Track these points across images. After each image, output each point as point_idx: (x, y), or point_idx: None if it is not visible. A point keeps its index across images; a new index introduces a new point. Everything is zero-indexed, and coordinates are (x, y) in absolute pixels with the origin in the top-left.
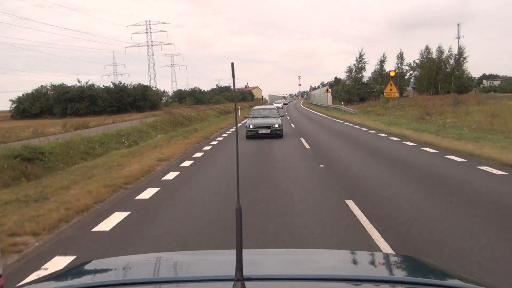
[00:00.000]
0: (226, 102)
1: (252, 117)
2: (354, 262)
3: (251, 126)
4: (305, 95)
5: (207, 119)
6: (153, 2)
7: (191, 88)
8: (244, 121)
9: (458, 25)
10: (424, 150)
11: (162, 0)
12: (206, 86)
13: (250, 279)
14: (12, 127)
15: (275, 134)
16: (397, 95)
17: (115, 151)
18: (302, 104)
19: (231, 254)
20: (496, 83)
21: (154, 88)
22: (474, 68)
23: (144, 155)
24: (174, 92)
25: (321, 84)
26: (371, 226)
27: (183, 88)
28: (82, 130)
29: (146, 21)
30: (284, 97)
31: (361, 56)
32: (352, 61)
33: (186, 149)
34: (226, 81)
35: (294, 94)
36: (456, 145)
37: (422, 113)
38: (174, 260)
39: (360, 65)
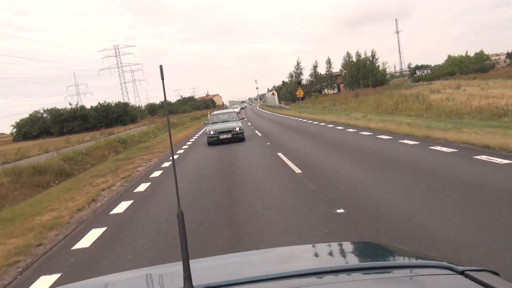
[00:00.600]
0: (192, 111)
1: (212, 122)
2: (312, 253)
3: (211, 132)
4: (263, 98)
5: (186, 124)
6: (100, 17)
7: (161, 102)
8: (204, 128)
9: (396, 20)
10: (309, 122)
11: (110, 14)
12: (168, 97)
13: None
14: (33, 145)
15: (237, 138)
16: (302, 95)
17: (150, 139)
18: (258, 106)
19: (180, 265)
20: (427, 72)
21: (131, 104)
22: (414, 58)
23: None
24: (146, 105)
25: (272, 87)
26: (286, 158)
27: (147, 102)
28: (106, 137)
29: (114, 45)
30: (243, 102)
31: (298, 64)
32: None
33: (189, 133)
34: (186, 91)
35: (253, 97)
36: (323, 117)
37: (330, 104)
38: (121, 281)
39: (298, 71)
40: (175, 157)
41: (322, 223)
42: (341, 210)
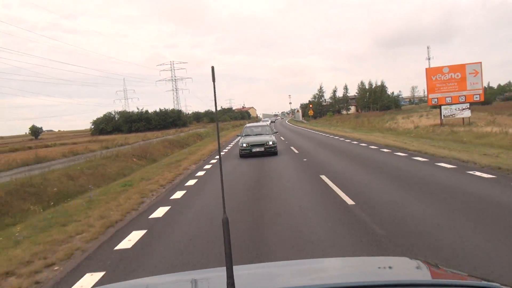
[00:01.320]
0: (231, 121)
1: (245, 135)
2: (354, 268)
3: (244, 145)
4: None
5: (229, 129)
6: (143, 24)
7: (205, 110)
8: (237, 139)
9: (427, 47)
10: (315, 132)
11: (152, 21)
12: (208, 106)
13: None
14: (115, 138)
15: (270, 152)
16: (313, 113)
17: (211, 135)
18: (287, 120)
19: (223, 271)
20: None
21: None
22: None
23: (230, 132)
24: (192, 113)
25: (300, 105)
26: (292, 147)
27: (185, 109)
28: (165, 137)
29: (170, 61)
30: (276, 115)
31: (321, 88)
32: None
33: (234, 134)
34: (223, 101)
35: (285, 112)
36: (329, 130)
37: (335, 122)
38: (164, 284)
39: (320, 94)
40: (222, 153)
41: None
42: None
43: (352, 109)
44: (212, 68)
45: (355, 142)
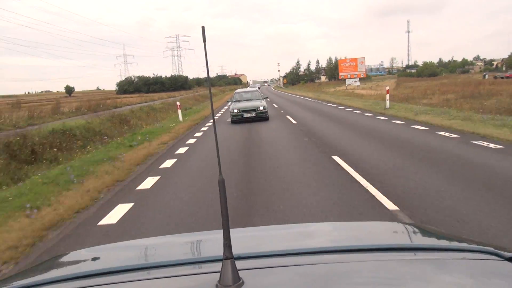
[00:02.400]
0: (226, 86)
1: (235, 101)
2: (351, 232)
3: (235, 111)
4: None
5: (226, 91)
6: None
7: (204, 77)
8: (228, 105)
9: (407, 21)
10: (287, 93)
11: None
12: (194, 72)
13: (240, 257)
14: (147, 96)
15: (261, 117)
16: (286, 82)
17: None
18: (272, 87)
19: (219, 233)
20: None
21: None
22: (444, 53)
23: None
24: (193, 79)
25: (285, 73)
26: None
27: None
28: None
29: (176, 35)
30: (265, 81)
31: (298, 61)
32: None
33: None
34: (215, 67)
35: (275, 79)
36: (293, 92)
37: (303, 87)
38: (159, 244)
39: (297, 66)
40: (216, 117)
41: None
42: None
43: (323, 78)
44: (203, 28)
45: (300, 96)
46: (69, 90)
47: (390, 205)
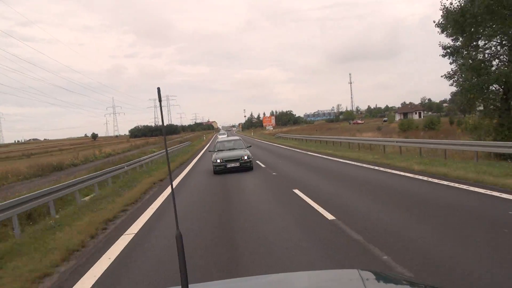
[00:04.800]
0: (203, 131)
1: (218, 150)
2: (305, 282)
3: (218, 161)
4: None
5: (204, 135)
6: (103, 34)
7: (189, 124)
8: (207, 145)
9: (349, 74)
10: (241, 135)
11: (112, 31)
12: (178, 121)
13: None
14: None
15: (245, 167)
16: (241, 127)
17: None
18: (235, 131)
19: None
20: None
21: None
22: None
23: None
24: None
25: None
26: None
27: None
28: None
29: (167, 96)
30: (233, 126)
31: (251, 114)
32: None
33: (209, 138)
34: (188, 115)
35: (242, 123)
36: (243, 134)
37: (250, 132)
38: None
39: (250, 117)
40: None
41: None
42: None
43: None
44: (158, 89)
45: (243, 134)
46: (94, 136)
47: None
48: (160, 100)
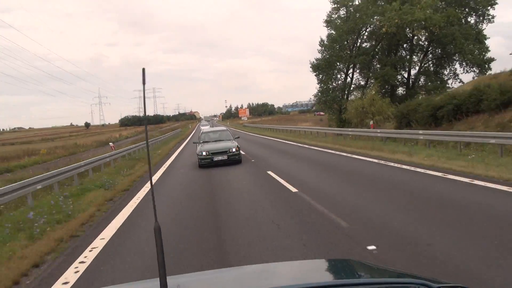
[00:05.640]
0: (187, 120)
1: (203, 142)
2: (286, 271)
3: (204, 153)
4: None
5: (188, 124)
6: (85, 21)
7: (174, 114)
8: (194, 131)
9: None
10: (219, 124)
11: (95, 19)
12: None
13: None
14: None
15: (233, 160)
16: (220, 118)
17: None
18: (216, 121)
19: (156, 281)
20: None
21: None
22: None
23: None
24: (166, 116)
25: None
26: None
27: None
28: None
29: (153, 88)
30: (215, 116)
31: (230, 106)
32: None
33: (194, 126)
34: (171, 104)
35: (223, 113)
36: (222, 123)
37: (226, 121)
38: None
39: (230, 108)
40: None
41: None
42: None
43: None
44: (143, 69)
45: (223, 124)
46: (87, 125)
47: None
48: (144, 83)
